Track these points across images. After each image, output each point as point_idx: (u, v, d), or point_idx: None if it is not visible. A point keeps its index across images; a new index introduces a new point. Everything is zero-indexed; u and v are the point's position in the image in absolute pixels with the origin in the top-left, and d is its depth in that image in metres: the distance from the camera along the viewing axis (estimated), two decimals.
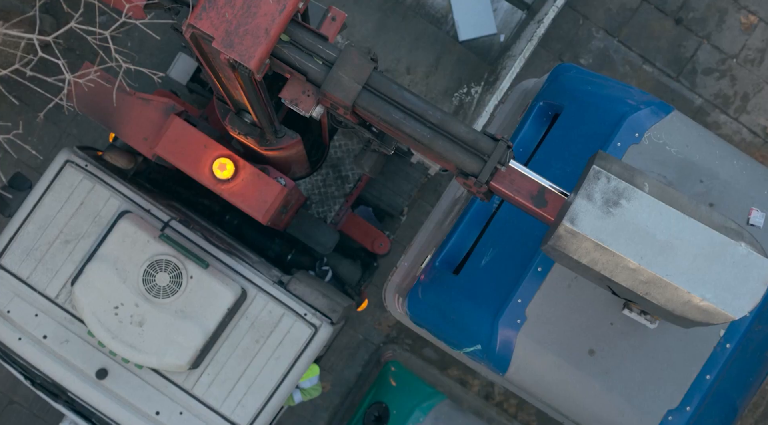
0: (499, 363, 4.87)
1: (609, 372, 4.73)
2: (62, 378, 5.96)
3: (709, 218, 3.82)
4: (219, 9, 3.79)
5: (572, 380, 4.78)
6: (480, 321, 4.87)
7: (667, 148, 4.81)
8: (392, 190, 8.07)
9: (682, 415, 4.73)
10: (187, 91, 7.95)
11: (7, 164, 8.70)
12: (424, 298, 5.27)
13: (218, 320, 5.79)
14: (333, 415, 8.99)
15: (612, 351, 4.76)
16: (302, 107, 4.12)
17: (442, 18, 8.65)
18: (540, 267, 4.78)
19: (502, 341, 4.80)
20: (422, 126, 4.07)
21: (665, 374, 4.75)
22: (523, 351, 4.78)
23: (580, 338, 4.75)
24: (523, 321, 4.76)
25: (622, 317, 4.68)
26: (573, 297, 4.75)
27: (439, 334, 5.32)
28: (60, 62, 3.55)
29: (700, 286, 3.76)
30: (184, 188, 7.02)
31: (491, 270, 4.98)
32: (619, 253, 3.76)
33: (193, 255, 5.79)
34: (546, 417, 9.05)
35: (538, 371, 4.82)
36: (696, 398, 4.74)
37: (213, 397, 5.98)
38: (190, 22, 3.82)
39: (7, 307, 5.95)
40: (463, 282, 5.06)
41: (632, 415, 4.76)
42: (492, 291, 4.89)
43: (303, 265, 7.27)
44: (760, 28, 9.11)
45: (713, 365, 4.77)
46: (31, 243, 5.96)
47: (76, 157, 6.07)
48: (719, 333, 4.77)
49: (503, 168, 4.07)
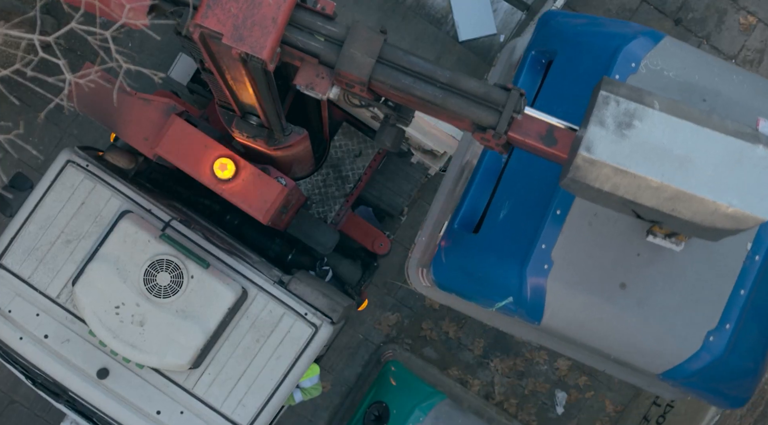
0: (533, 312, 4.86)
1: (643, 302, 4.70)
2: (63, 377, 5.97)
3: (723, 126, 3.79)
4: (223, 5, 3.80)
5: (607, 316, 4.76)
6: (507, 273, 4.86)
7: (665, 73, 4.79)
8: (392, 190, 8.08)
9: (722, 334, 4.70)
10: (187, 92, 7.97)
11: (8, 164, 8.71)
12: (448, 263, 5.25)
13: (219, 320, 5.80)
14: (333, 415, 9.00)
15: (643, 281, 4.73)
16: (318, 90, 4.09)
17: (442, 18, 8.66)
18: (558, 209, 4.76)
19: (533, 289, 4.79)
20: (433, 87, 4.07)
21: (699, 296, 4.72)
22: (555, 295, 4.77)
23: (609, 273, 4.73)
24: (550, 266, 4.74)
25: (648, 245, 4.64)
26: (596, 235, 4.72)
27: (468, 295, 5.29)
28: (60, 62, 3.55)
29: (725, 193, 3.72)
30: (185, 188, 7.03)
31: (510, 222, 4.98)
32: (639, 174, 3.73)
33: (193, 255, 5.80)
34: (546, 417, 9.06)
35: (572, 313, 4.80)
36: (734, 315, 4.71)
37: (214, 397, 5.98)
38: (197, 22, 3.82)
39: (9, 307, 5.96)
40: (485, 239, 5.05)
41: (673, 342, 4.74)
42: (515, 242, 4.87)
43: (303, 265, 7.28)
44: (759, 29, 9.11)
45: (745, 279, 4.74)
46: (33, 243, 5.97)
47: (77, 157, 6.08)
48: (747, 247, 4.74)
49: (519, 116, 4.07)
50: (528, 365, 9.07)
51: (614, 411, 9.12)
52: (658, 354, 4.81)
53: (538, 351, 9.04)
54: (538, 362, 9.06)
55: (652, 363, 4.87)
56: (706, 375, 4.80)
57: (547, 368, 9.07)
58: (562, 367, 9.04)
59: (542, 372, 9.07)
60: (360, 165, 7.82)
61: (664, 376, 4.90)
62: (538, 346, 7.10)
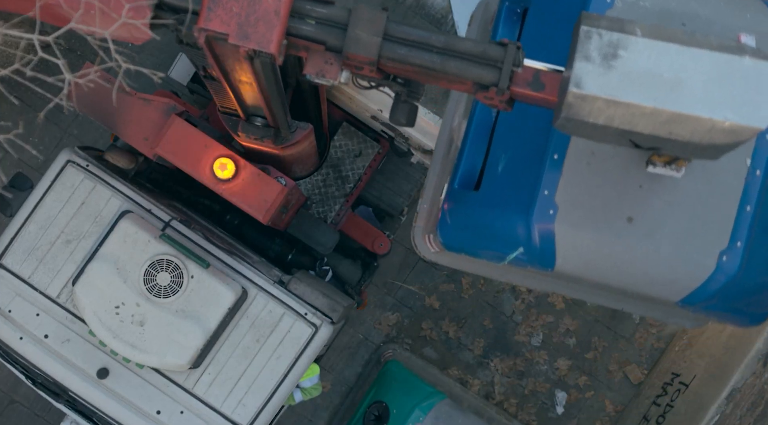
0: (545, 259, 4.87)
1: (652, 233, 4.71)
2: (63, 377, 5.98)
3: (708, 42, 3.81)
4: (225, 5, 3.80)
5: (619, 251, 4.78)
6: (514, 224, 4.87)
7: (641, 3, 4.81)
8: (392, 190, 8.08)
9: (735, 252, 4.71)
10: (187, 92, 7.97)
11: (8, 164, 8.71)
12: (453, 223, 5.27)
13: (219, 319, 5.81)
14: (333, 414, 9.00)
15: (649, 212, 4.74)
16: (329, 76, 4.10)
17: (442, 18, 8.66)
18: (556, 154, 4.77)
19: (542, 236, 4.79)
20: (431, 53, 4.09)
21: (706, 218, 4.73)
22: (564, 239, 4.78)
23: (615, 209, 4.74)
24: (555, 211, 4.74)
25: (649, 176, 4.67)
26: (596, 173, 4.74)
27: (478, 253, 5.31)
28: (60, 62, 3.55)
29: (719, 109, 3.74)
30: (185, 188, 7.04)
31: (510, 174, 5.00)
32: (632, 102, 3.74)
33: (193, 254, 5.81)
34: (546, 417, 9.06)
35: (584, 254, 4.82)
36: (743, 232, 4.72)
37: (214, 396, 5.99)
38: (201, 26, 3.82)
39: (9, 307, 5.96)
40: (486, 194, 5.08)
41: (687, 267, 4.76)
42: (517, 193, 4.89)
43: (303, 265, 7.28)
44: None
45: (750, 195, 4.74)
46: (33, 243, 5.97)
47: (77, 157, 6.09)
48: (746, 163, 4.75)
49: (519, 69, 4.09)
50: (528, 365, 9.07)
51: (614, 411, 9.12)
52: (674, 282, 4.83)
53: (538, 351, 9.04)
54: (538, 362, 9.07)
55: (669, 291, 4.88)
56: (724, 295, 4.82)
57: (547, 368, 9.07)
58: (562, 367, 9.04)
59: (542, 372, 9.07)
60: (360, 165, 7.83)
61: (683, 303, 4.91)
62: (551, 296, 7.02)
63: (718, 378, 8.00)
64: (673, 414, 8.41)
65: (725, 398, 7.79)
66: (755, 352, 7.78)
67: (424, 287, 9.04)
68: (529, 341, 9.06)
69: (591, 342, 9.07)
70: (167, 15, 3.93)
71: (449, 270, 9.02)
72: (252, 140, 5.69)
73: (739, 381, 7.77)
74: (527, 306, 9.04)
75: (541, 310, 9.04)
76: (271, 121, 5.43)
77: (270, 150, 5.92)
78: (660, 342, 9.13)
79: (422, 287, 9.03)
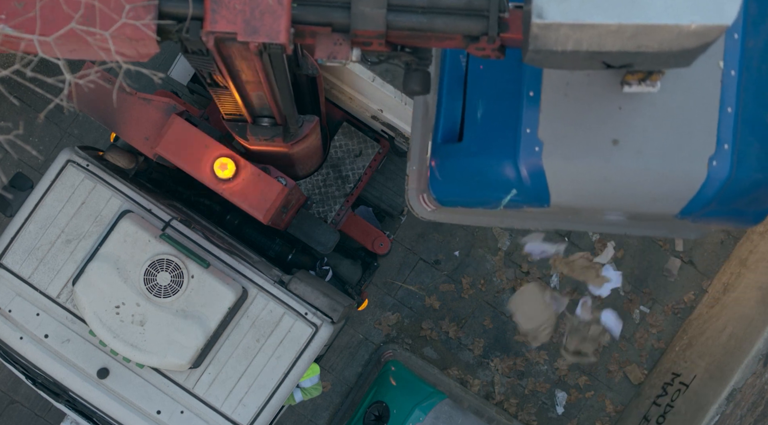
0: (539, 196, 4.91)
1: (639, 151, 4.75)
2: (63, 377, 5.97)
3: None
4: (227, 5, 3.80)
5: (610, 175, 4.83)
6: (502, 167, 4.91)
7: None
8: (392, 190, 8.09)
9: (723, 155, 4.75)
10: (187, 92, 7.97)
11: (8, 164, 8.72)
12: (443, 178, 5.30)
13: (219, 319, 5.81)
14: (333, 414, 9.00)
15: (632, 132, 4.78)
16: (341, 57, 4.12)
17: None
18: (531, 91, 4.81)
19: (531, 174, 4.83)
20: (415, 14, 4.11)
21: (690, 127, 4.78)
22: (554, 172, 4.83)
23: (599, 135, 4.79)
24: (541, 147, 4.78)
25: (626, 97, 4.73)
26: (574, 103, 4.79)
27: (473, 202, 5.35)
28: (60, 62, 3.55)
29: (683, 13, 3.78)
30: (185, 188, 7.04)
31: (490, 119, 5.05)
32: (596, 22, 3.78)
33: (194, 254, 5.81)
34: (546, 417, 9.06)
35: (576, 184, 4.86)
36: (728, 134, 4.77)
37: (214, 396, 5.99)
38: (208, 30, 3.81)
39: (9, 307, 5.96)
40: (470, 143, 5.12)
41: (679, 179, 4.80)
42: (500, 136, 4.93)
43: (303, 265, 7.28)
44: None
45: (728, 96, 4.79)
46: (33, 243, 5.97)
47: (78, 156, 6.09)
48: (719, 65, 4.79)
49: (506, 14, 4.11)
50: (528, 365, 9.07)
51: (614, 411, 9.12)
52: (669, 196, 4.87)
53: (538, 351, 9.04)
54: (538, 362, 9.07)
55: (667, 205, 4.92)
56: (722, 199, 4.86)
57: (547, 368, 9.07)
58: (562, 367, 9.04)
59: (542, 372, 9.07)
60: (360, 165, 7.83)
61: (682, 214, 4.96)
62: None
63: (719, 378, 8.00)
64: (674, 414, 8.41)
65: (725, 398, 7.79)
66: (755, 352, 7.78)
67: (424, 287, 9.04)
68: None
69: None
70: (171, 25, 3.92)
71: (449, 270, 9.03)
72: (261, 142, 5.68)
73: (739, 381, 7.77)
74: None
75: None
76: (278, 118, 5.43)
77: (280, 149, 5.91)
78: (660, 342, 9.13)
79: (422, 287, 9.03)
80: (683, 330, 9.07)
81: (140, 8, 3.74)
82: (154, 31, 3.74)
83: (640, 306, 9.10)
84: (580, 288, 9.04)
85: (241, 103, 5.10)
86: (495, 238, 9.04)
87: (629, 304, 9.09)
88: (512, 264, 9.06)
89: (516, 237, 9.07)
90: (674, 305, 9.11)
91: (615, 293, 9.08)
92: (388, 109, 6.94)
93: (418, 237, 9.02)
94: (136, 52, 3.89)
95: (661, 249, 9.10)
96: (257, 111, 5.36)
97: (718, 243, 9.12)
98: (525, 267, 9.04)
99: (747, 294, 8.45)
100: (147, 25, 3.73)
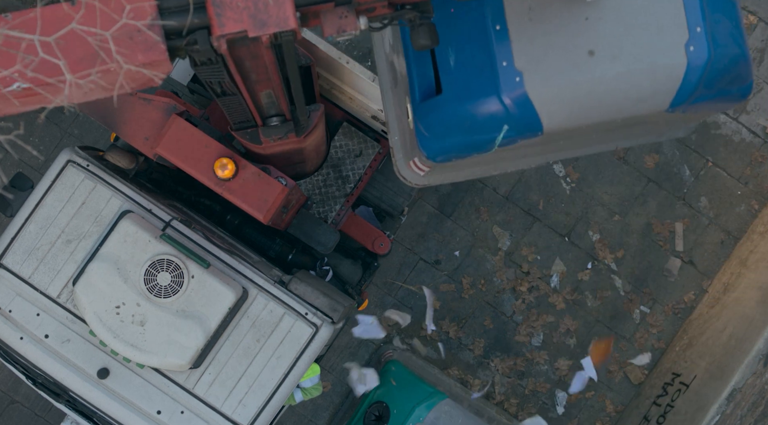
0: (531, 125, 4.95)
1: (615, 57, 4.80)
2: (64, 377, 5.98)
3: None
4: (230, 5, 3.80)
5: (595, 86, 4.87)
6: (489, 106, 4.94)
7: None
8: (392, 190, 8.08)
9: (698, 38, 4.80)
10: (187, 92, 7.97)
11: (8, 164, 8.72)
12: (432, 133, 5.33)
13: (219, 319, 5.81)
14: (334, 414, 9.00)
15: (604, 39, 4.84)
16: (350, 29, 4.14)
17: None
18: (497, 25, 4.86)
19: (518, 105, 4.87)
20: None
21: (659, 21, 4.82)
22: (540, 98, 4.88)
23: (573, 49, 4.83)
24: (521, 76, 4.83)
25: (589, 6, 4.79)
26: (541, 25, 4.84)
27: (467, 150, 5.37)
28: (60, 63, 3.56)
29: None
30: (186, 188, 7.04)
31: (464, 64, 5.08)
32: None
33: (194, 254, 5.81)
34: (546, 417, 9.06)
35: (563, 104, 4.90)
36: (697, 16, 4.82)
37: (214, 396, 5.99)
38: (218, 34, 3.82)
39: (9, 307, 5.96)
40: (450, 91, 5.15)
41: (662, 73, 4.84)
42: (478, 77, 4.97)
43: (304, 265, 7.28)
44: (760, 28, 9.12)
45: None
46: (33, 243, 5.98)
47: (78, 157, 6.09)
48: None
49: None
50: (528, 365, 9.08)
51: (614, 411, 9.12)
52: (656, 92, 4.90)
53: (538, 351, 9.05)
54: (538, 362, 9.07)
55: (656, 102, 4.96)
56: (706, 82, 4.89)
57: (547, 368, 9.07)
58: (562, 367, 9.05)
59: (542, 372, 9.07)
60: (360, 165, 7.83)
61: (672, 107, 4.99)
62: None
63: (719, 378, 8.01)
64: (674, 414, 8.41)
65: (726, 398, 7.80)
66: (756, 352, 7.78)
67: (424, 287, 9.04)
68: (529, 341, 9.06)
69: (591, 342, 9.07)
70: (179, 41, 3.93)
71: (449, 270, 9.03)
72: (276, 142, 5.68)
73: (739, 381, 7.77)
74: (527, 306, 9.04)
75: (541, 310, 9.05)
76: (287, 114, 5.43)
77: (293, 146, 5.91)
78: (660, 342, 9.13)
79: (422, 287, 9.03)
80: (683, 330, 9.07)
81: (145, 33, 3.74)
82: (165, 50, 3.75)
83: (640, 306, 9.10)
84: (579, 288, 9.05)
85: (252, 106, 5.10)
86: (495, 238, 9.04)
87: (629, 304, 9.09)
88: (512, 264, 9.06)
89: (516, 237, 9.07)
90: (674, 305, 9.11)
91: (616, 293, 9.08)
92: None
93: (418, 237, 9.03)
94: (150, 75, 3.90)
95: (661, 249, 9.10)
96: (266, 111, 5.37)
97: (718, 243, 9.12)
98: (525, 268, 9.04)
99: (747, 294, 8.45)
100: (157, 47, 3.74)
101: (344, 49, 8.93)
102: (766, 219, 8.90)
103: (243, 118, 5.46)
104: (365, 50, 9.04)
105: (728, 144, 9.11)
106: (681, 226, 9.12)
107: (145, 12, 3.74)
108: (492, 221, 9.05)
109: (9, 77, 3.67)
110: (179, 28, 3.85)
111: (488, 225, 9.05)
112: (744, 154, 9.11)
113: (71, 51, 3.72)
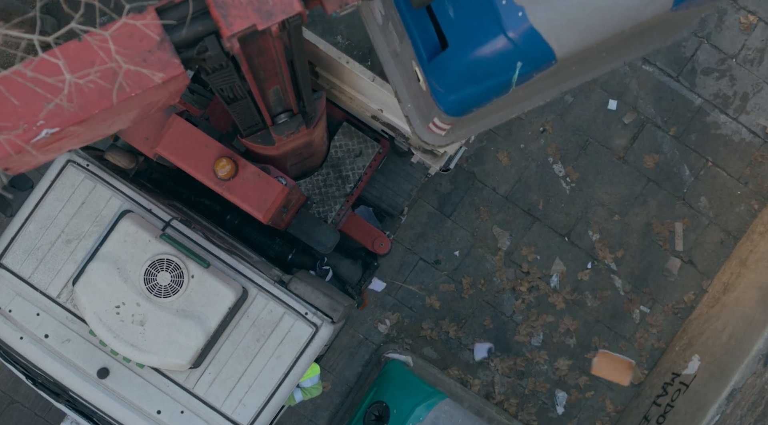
0: (544, 55, 4.99)
1: None
2: (64, 377, 5.98)
3: None
4: (233, 3, 3.82)
5: (600, 2, 4.91)
6: (497, 47, 4.98)
7: None
8: (393, 190, 8.08)
9: None
10: (187, 92, 7.97)
11: None
12: (448, 88, 5.36)
13: (219, 319, 5.81)
14: (333, 414, 9.00)
15: None
16: (351, 1, 4.16)
17: None
18: None
19: (526, 39, 4.90)
20: None
21: None
22: (547, 26, 4.91)
23: None
24: (523, 11, 4.86)
25: None
26: None
27: (486, 96, 5.41)
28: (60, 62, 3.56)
29: None
30: (185, 188, 7.04)
31: (464, 12, 5.12)
32: None
33: (194, 254, 5.81)
34: (546, 417, 9.06)
35: (571, 26, 4.94)
36: None
37: (214, 396, 5.99)
38: (228, 35, 3.83)
39: (9, 307, 5.96)
40: (456, 43, 5.18)
41: None
42: (481, 21, 5.01)
43: (304, 265, 7.29)
44: (760, 28, 9.12)
45: None
46: (33, 243, 5.98)
47: (78, 156, 6.09)
48: None
49: None
50: (528, 365, 9.08)
51: (614, 411, 9.12)
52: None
53: (538, 351, 9.05)
54: (538, 362, 9.07)
55: (660, 2, 5.00)
56: None
57: (547, 368, 9.07)
58: (562, 367, 9.05)
59: (542, 372, 9.07)
60: (360, 165, 7.83)
61: (676, 5, 5.04)
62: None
63: (719, 378, 8.01)
64: (674, 414, 8.42)
65: (726, 398, 7.80)
66: (755, 352, 7.78)
67: (424, 287, 9.04)
68: (529, 341, 9.06)
69: (591, 342, 9.07)
70: (189, 52, 3.94)
71: (449, 270, 9.03)
72: (289, 138, 5.69)
73: (739, 381, 7.78)
74: (527, 306, 9.04)
75: (541, 310, 9.05)
76: (294, 107, 5.44)
77: (304, 139, 5.91)
78: (660, 342, 9.13)
79: (422, 287, 9.03)
80: (683, 330, 9.07)
81: (159, 52, 3.77)
82: (180, 64, 3.78)
83: (640, 306, 9.10)
84: (579, 288, 9.05)
85: (262, 105, 5.11)
86: (495, 238, 9.04)
87: (629, 304, 9.09)
88: (512, 264, 9.06)
89: (516, 237, 9.07)
90: (674, 305, 9.11)
91: (616, 293, 9.09)
92: (388, 109, 6.95)
93: (418, 237, 9.03)
94: (169, 92, 3.93)
95: (661, 249, 9.10)
96: (274, 109, 5.38)
97: (718, 243, 9.13)
98: (525, 268, 9.05)
99: (747, 294, 8.46)
100: (171, 62, 3.76)
101: (344, 49, 8.94)
102: (765, 219, 8.90)
103: (253, 121, 5.47)
104: (365, 50, 9.04)
105: (728, 144, 9.12)
106: (681, 226, 9.12)
107: (150, 32, 3.77)
108: (492, 221, 9.05)
109: (35, 127, 3.71)
110: (189, 38, 3.87)
111: (488, 225, 9.06)
112: (744, 153, 9.11)
113: (83, 92, 3.79)
